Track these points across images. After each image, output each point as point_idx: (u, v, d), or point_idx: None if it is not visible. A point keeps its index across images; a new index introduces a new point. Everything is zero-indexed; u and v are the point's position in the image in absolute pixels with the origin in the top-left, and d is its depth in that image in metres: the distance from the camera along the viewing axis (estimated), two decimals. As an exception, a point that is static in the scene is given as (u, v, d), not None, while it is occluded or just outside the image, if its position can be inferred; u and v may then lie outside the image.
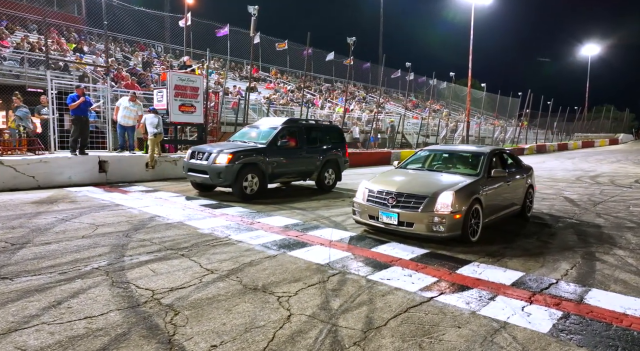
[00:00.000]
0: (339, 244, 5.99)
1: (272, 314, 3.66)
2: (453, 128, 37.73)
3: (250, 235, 6.27)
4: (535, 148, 40.96)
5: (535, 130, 49.08)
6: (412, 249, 5.85)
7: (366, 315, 3.75)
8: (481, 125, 44.04)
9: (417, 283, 4.56)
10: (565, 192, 12.50)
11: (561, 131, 57.86)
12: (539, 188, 13.12)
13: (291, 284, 4.40)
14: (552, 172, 19.82)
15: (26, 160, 9.75)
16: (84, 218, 6.94)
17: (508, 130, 46.20)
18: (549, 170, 20.43)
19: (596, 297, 4.30)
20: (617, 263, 5.48)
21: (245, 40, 33.14)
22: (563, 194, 11.97)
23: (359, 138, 25.36)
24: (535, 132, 48.55)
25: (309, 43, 18.59)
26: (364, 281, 4.57)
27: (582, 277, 4.90)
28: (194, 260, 5.04)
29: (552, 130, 54.53)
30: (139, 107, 12.33)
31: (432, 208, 5.95)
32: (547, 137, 51.96)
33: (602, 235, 7.02)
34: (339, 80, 44.18)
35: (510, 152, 8.51)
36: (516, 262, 5.44)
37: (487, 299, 4.20)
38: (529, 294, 4.35)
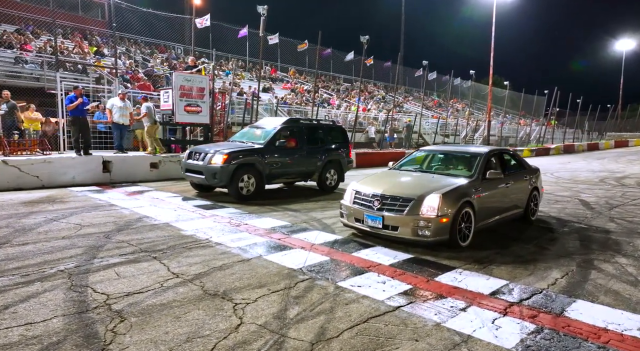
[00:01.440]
0: (320, 248, 5.78)
1: (221, 323, 3.50)
2: (475, 127, 36.86)
3: (232, 238, 6.14)
4: (562, 148, 39.50)
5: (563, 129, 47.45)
6: (395, 254, 5.59)
7: (321, 325, 3.54)
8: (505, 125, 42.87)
9: (388, 291, 4.32)
10: (583, 194, 11.89)
11: (592, 130, 55.72)
12: (555, 190, 12.58)
13: (254, 290, 4.23)
14: (576, 173, 19.01)
15: (30, 160, 9.94)
16: (72, 219, 6.96)
17: (534, 130, 44.82)
18: (572, 172, 19.60)
19: (579, 310, 3.96)
20: (615, 272, 5.08)
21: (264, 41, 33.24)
22: (580, 197, 11.38)
23: (374, 138, 25.02)
24: (564, 131, 46.91)
25: (320, 42, 18.40)
26: (332, 288, 4.36)
27: (571, 287, 4.55)
28: (164, 263, 4.94)
29: (582, 129, 52.59)
30: (130, 104, 12.43)
31: (417, 212, 5.67)
32: (577, 137, 50.12)
33: (608, 241, 6.58)
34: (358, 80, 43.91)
35: (513, 152, 8.10)
36: (504, 269, 5.12)
37: (458, 310, 3.93)
38: (506, 305, 4.05)
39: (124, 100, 11.84)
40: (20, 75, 18.50)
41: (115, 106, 11.66)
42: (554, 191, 12.42)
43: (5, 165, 9.53)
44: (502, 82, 56.09)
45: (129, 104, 12.10)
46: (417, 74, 45.46)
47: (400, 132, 26.08)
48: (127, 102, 12.07)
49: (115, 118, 11.65)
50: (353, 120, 25.30)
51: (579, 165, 24.51)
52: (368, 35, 19.68)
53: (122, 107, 11.74)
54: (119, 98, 11.87)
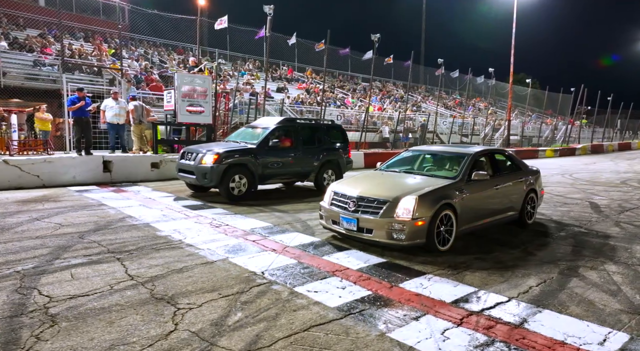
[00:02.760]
0: (292, 251, 5.61)
1: (154, 329, 3.37)
2: (497, 127, 35.91)
3: (206, 239, 6.03)
4: (589, 148, 38.04)
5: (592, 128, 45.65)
6: (368, 258, 5.37)
7: (257, 333, 3.37)
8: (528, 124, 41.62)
9: (344, 297, 4.11)
10: (597, 196, 11.30)
11: (624, 129, 53.47)
12: (567, 192, 12.02)
13: (204, 294, 4.09)
14: (597, 174, 18.20)
15: (31, 160, 10.13)
16: (56, 218, 7.01)
17: (560, 129, 43.33)
18: (594, 173, 18.78)
19: (542, 321, 3.66)
20: (598, 280, 4.71)
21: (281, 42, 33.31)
22: (592, 199, 10.81)
23: (388, 137, 24.64)
24: (591, 130, 45.15)
25: (329, 40, 18.22)
26: (287, 294, 4.18)
27: (543, 296, 4.23)
28: (125, 264, 4.86)
29: (613, 128, 50.52)
30: (124, 102, 12.50)
31: (392, 214, 5.43)
32: (608, 136, 48.19)
33: (604, 246, 6.15)
34: (377, 79, 43.41)
35: (508, 153, 7.71)
36: (478, 275, 4.82)
37: (410, 319, 3.69)
38: (465, 314, 3.79)
39: (117, 100, 11.94)
40: (38, 78, 19.02)
41: (108, 106, 11.78)
42: (565, 193, 11.87)
43: (6, 165, 9.74)
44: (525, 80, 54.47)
45: (123, 103, 12.19)
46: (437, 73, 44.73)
47: (415, 131, 25.60)
48: (122, 101, 12.16)
49: (109, 118, 11.77)
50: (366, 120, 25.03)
51: (604, 165, 23.51)
52: (379, 34, 19.35)
53: (113, 107, 11.84)
54: (112, 97, 11.98)
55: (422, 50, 52.90)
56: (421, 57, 52.66)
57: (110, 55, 25.07)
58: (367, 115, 20.24)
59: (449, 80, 46.92)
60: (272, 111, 20.31)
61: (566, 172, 18.71)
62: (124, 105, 12.10)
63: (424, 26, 54.75)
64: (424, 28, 54.71)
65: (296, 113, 22.56)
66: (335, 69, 41.66)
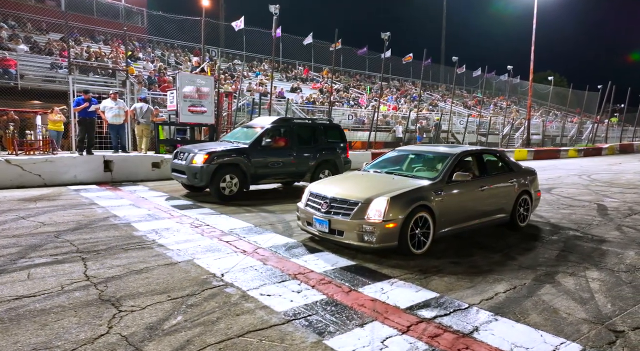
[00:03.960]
0: (263, 252, 5.49)
1: (85, 332, 3.30)
2: (518, 126, 34.94)
3: (180, 239, 5.97)
4: (617, 148, 36.59)
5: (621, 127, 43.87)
6: (337, 260, 5.21)
7: (190, 338, 3.26)
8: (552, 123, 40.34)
9: (295, 302, 3.97)
10: (609, 198, 10.78)
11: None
12: (578, 193, 11.51)
13: (153, 296, 4.01)
14: (619, 175, 17.43)
15: (32, 160, 10.35)
16: (41, 217, 7.09)
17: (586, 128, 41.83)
18: (616, 174, 17.99)
19: (495, 329, 3.45)
20: (573, 287, 4.42)
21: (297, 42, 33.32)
22: (602, 201, 10.31)
23: (402, 137, 24.27)
24: (621, 129, 43.39)
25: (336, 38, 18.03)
26: (237, 297, 4.06)
27: (506, 303, 3.99)
28: (87, 264, 4.84)
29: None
30: (123, 102, 12.61)
31: (363, 216, 5.25)
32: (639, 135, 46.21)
33: (594, 251, 5.80)
34: (395, 78, 42.93)
35: (500, 154, 7.37)
36: (446, 280, 4.59)
37: (355, 325, 3.52)
38: (415, 321, 3.59)
39: (115, 100, 12.08)
40: (55, 80, 19.55)
41: (107, 107, 11.93)
42: (575, 194, 11.36)
43: (8, 164, 9.97)
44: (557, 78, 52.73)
45: (122, 104, 12.32)
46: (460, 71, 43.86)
47: (430, 131, 25.13)
48: (120, 101, 12.28)
49: (109, 119, 11.92)
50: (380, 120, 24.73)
51: (629, 166, 22.56)
52: (391, 33, 19.06)
53: (113, 108, 11.98)
54: (111, 98, 12.12)
55: (442, 49, 52.03)
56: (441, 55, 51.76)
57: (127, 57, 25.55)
58: (375, 114, 19.93)
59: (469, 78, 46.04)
60: (281, 111, 20.27)
61: (585, 173, 17.98)
62: (122, 106, 12.23)
63: (444, 23, 53.81)
64: (444, 25, 53.77)
65: (305, 113, 22.46)
66: (353, 68, 41.36)
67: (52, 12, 29.02)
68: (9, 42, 22.88)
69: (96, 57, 23.04)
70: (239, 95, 18.16)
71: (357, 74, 39.36)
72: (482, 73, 42.55)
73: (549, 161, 25.91)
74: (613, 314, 3.77)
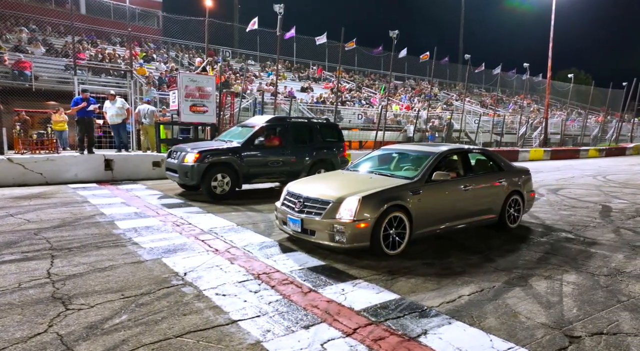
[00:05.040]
0: (234, 251, 5.42)
1: (23, 331, 3.27)
2: (537, 125, 34.05)
3: (156, 238, 5.95)
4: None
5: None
6: (307, 261, 5.10)
7: (127, 338, 3.20)
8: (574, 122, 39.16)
9: (249, 302, 3.88)
10: (617, 200, 10.36)
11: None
12: (586, 194, 11.11)
13: (107, 295, 3.98)
14: (637, 175, 16.91)
15: (34, 158, 10.55)
16: (29, 214, 7.19)
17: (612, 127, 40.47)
18: (634, 174, 17.41)
19: (444, 333, 3.31)
20: (544, 291, 4.20)
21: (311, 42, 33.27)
22: (609, 202, 9.91)
23: (413, 136, 23.94)
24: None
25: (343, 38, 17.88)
26: (191, 296, 3.99)
27: (467, 306, 3.82)
28: (54, 262, 4.85)
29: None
30: (121, 101, 12.69)
31: (334, 215, 5.12)
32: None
33: (580, 254, 5.54)
34: (411, 77, 42.43)
35: (489, 153, 7.11)
36: (412, 282, 4.44)
37: (300, 327, 3.41)
38: (364, 324, 3.47)
39: (113, 101, 12.23)
40: (69, 81, 19.98)
41: (106, 107, 12.10)
42: (582, 195, 10.94)
43: (10, 163, 10.19)
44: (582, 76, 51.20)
45: (121, 103, 12.44)
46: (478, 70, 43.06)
47: (441, 130, 24.71)
48: (119, 101, 12.40)
49: (109, 119, 12.09)
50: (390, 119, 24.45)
51: (650, 166, 21.67)
52: (398, 30, 18.80)
53: (113, 108, 12.12)
54: (109, 99, 12.29)
55: (460, 46, 51.14)
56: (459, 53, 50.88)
57: (142, 58, 25.98)
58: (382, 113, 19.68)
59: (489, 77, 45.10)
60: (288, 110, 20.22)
61: (601, 173, 17.36)
62: (120, 105, 12.37)
63: (462, 21, 52.90)
64: (462, 23, 52.86)
65: (314, 112, 22.36)
66: (368, 67, 41.06)
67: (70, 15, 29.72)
68: (28, 45, 23.55)
69: (110, 58, 23.49)
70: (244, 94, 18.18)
71: (372, 73, 39.06)
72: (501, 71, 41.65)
73: (566, 161, 25.15)
74: (576, 319, 3.56)
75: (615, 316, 3.62)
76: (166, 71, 22.48)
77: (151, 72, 21.67)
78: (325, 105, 23.63)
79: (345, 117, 23.23)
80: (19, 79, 18.48)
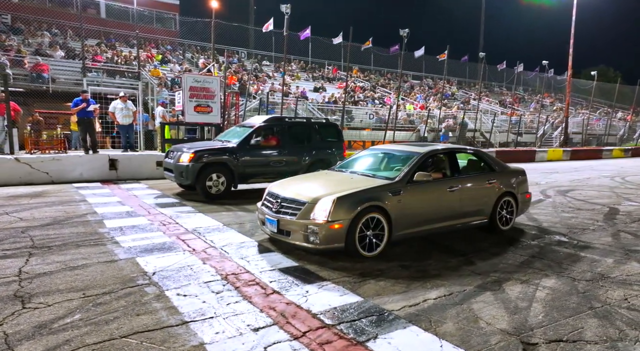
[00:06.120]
0: (211, 251, 5.39)
1: (-26, 327, 3.31)
2: (558, 124, 33.09)
3: (137, 237, 5.97)
4: (671, 147, 33.73)
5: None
6: (281, 261, 5.03)
7: (71, 338, 3.19)
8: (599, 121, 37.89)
9: (208, 302, 3.84)
10: (628, 202, 9.99)
11: None
12: (599, 196, 10.73)
13: (69, 294, 3.99)
14: (659, 176, 16.08)
15: (40, 158, 10.81)
16: (24, 213, 7.33)
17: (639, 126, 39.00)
18: (655, 175, 16.60)
19: (395, 338, 3.22)
20: (515, 295, 4.03)
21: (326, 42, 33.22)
22: (618, 205, 9.51)
23: (427, 137, 23.59)
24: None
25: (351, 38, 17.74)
26: (152, 296, 3.97)
27: (429, 311, 3.70)
28: (30, 260, 4.90)
29: None
30: (131, 104, 12.88)
31: (309, 216, 5.04)
32: None
33: (567, 258, 5.31)
34: (429, 77, 41.90)
35: (479, 153, 6.87)
36: (381, 284, 4.32)
37: (250, 329, 3.35)
38: (315, 327, 3.39)
39: (125, 102, 12.42)
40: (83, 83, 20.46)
41: (117, 109, 12.28)
42: (592, 197, 10.54)
43: (17, 163, 10.46)
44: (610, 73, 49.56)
45: (130, 105, 12.64)
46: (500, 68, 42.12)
47: (454, 129, 24.27)
48: (129, 103, 12.61)
49: (119, 120, 12.27)
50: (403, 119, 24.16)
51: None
52: (408, 29, 18.54)
53: (122, 109, 12.31)
54: (121, 100, 12.46)
55: (481, 44, 50.19)
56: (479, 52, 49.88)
57: (159, 60, 26.41)
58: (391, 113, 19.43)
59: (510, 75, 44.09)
60: (299, 110, 20.20)
61: (620, 174, 16.72)
62: (130, 107, 12.57)
63: (482, 18, 51.84)
64: (482, 20, 51.80)
65: (325, 112, 22.26)
66: (384, 67, 40.73)
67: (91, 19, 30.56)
68: (49, 48, 24.24)
69: (125, 60, 23.95)
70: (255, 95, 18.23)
71: (388, 72, 38.70)
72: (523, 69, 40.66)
73: (586, 162, 24.33)
74: (538, 325, 3.38)
75: (581, 323, 3.42)
76: (181, 72, 22.75)
77: (165, 73, 21.99)
78: (337, 105, 23.48)
79: (357, 116, 23.06)
80: (37, 82, 19.04)
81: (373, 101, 27.03)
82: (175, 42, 32.21)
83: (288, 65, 32.97)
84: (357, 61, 37.60)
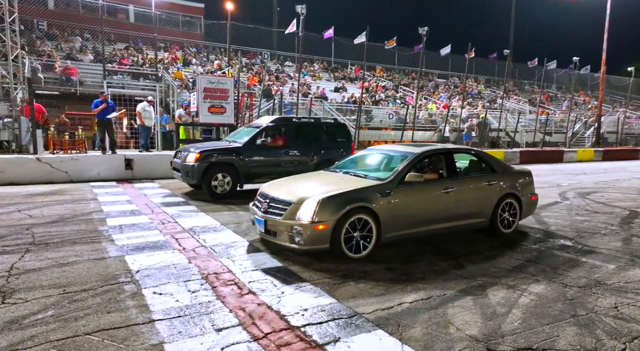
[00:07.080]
0: (200, 250, 5.43)
1: (-50, 321, 3.43)
2: (592, 123, 31.76)
3: (132, 235, 6.08)
4: None
5: None
6: (265, 262, 5.02)
7: (37, 334, 3.26)
8: (638, 120, 36.16)
9: (181, 301, 3.87)
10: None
11: None
12: (623, 198, 10.26)
13: (50, 290, 4.09)
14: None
15: (59, 158, 11.20)
16: (34, 210, 7.59)
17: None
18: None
19: (357, 342, 3.16)
20: (496, 301, 3.87)
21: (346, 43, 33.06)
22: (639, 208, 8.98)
23: (449, 136, 23.12)
24: None
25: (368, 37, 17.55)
26: (128, 294, 4.02)
27: (400, 315, 3.61)
28: (25, 256, 5.06)
29: None
30: (152, 108, 13.24)
31: (294, 216, 4.99)
32: None
33: (566, 263, 5.07)
34: (455, 75, 41.06)
35: (480, 153, 6.62)
36: (360, 287, 4.24)
37: (214, 330, 3.35)
38: (279, 328, 3.35)
39: (151, 106, 12.79)
40: (110, 85, 21.11)
41: (143, 110, 12.65)
42: (614, 200, 10.09)
43: (38, 162, 10.88)
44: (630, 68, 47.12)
45: (152, 109, 13.00)
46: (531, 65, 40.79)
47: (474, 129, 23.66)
48: (151, 106, 12.97)
49: (145, 122, 12.68)
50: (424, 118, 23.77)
51: None
52: (427, 27, 18.20)
53: (147, 111, 12.72)
54: (148, 103, 12.83)
55: (511, 41, 48.74)
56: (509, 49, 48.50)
57: (181, 63, 26.96)
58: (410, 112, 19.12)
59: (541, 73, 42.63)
60: (318, 111, 20.18)
61: (653, 176, 15.87)
62: (151, 110, 12.97)
63: (513, 14, 50.34)
64: (513, 15, 50.30)
65: (343, 112, 22.12)
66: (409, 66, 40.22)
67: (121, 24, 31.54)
68: (79, 53, 25.15)
69: (150, 63, 24.55)
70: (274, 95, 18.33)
71: (412, 71, 38.17)
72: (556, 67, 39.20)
73: (619, 162, 23.23)
74: (511, 332, 3.22)
75: (557, 331, 3.24)
76: (203, 73, 23.14)
77: (186, 75, 22.40)
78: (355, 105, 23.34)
79: (377, 116, 22.83)
80: (66, 85, 19.79)
81: (394, 101, 26.71)
82: (200, 45, 32.81)
83: (310, 65, 33.03)
84: (381, 60, 37.25)
